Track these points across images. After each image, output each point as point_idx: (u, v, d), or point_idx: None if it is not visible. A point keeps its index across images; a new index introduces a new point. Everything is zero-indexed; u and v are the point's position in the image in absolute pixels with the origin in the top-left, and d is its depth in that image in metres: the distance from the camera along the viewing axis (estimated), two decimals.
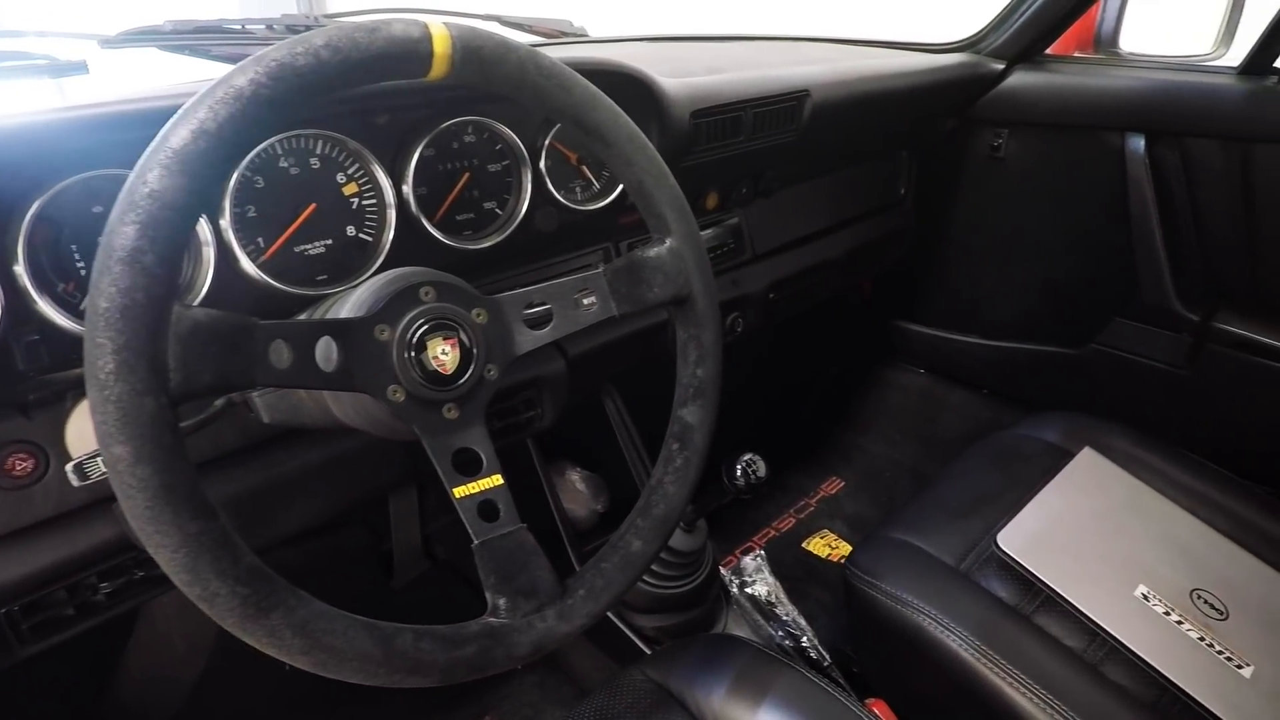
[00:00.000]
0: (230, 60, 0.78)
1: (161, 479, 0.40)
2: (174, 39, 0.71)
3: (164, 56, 0.72)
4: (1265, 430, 1.24)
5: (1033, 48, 1.31)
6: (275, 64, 0.44)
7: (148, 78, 0.71)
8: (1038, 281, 1.45)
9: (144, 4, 1.06)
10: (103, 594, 0.66)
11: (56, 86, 0.64)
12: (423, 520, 1.31)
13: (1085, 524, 0.99)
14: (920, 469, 1.61)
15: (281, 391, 0.61)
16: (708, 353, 0.65)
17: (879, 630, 0.92)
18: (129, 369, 0.39)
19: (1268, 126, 1.09)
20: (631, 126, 0.60)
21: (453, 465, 0.55)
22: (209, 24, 0.74)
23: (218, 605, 0.42)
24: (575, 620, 0.55)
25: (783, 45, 1.34)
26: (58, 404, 0.62)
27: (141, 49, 0.70)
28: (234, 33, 0.76)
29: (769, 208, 1.18)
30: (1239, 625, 0.88)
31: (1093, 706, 0.78)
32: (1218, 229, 1.20)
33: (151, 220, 0.40)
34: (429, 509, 1.33)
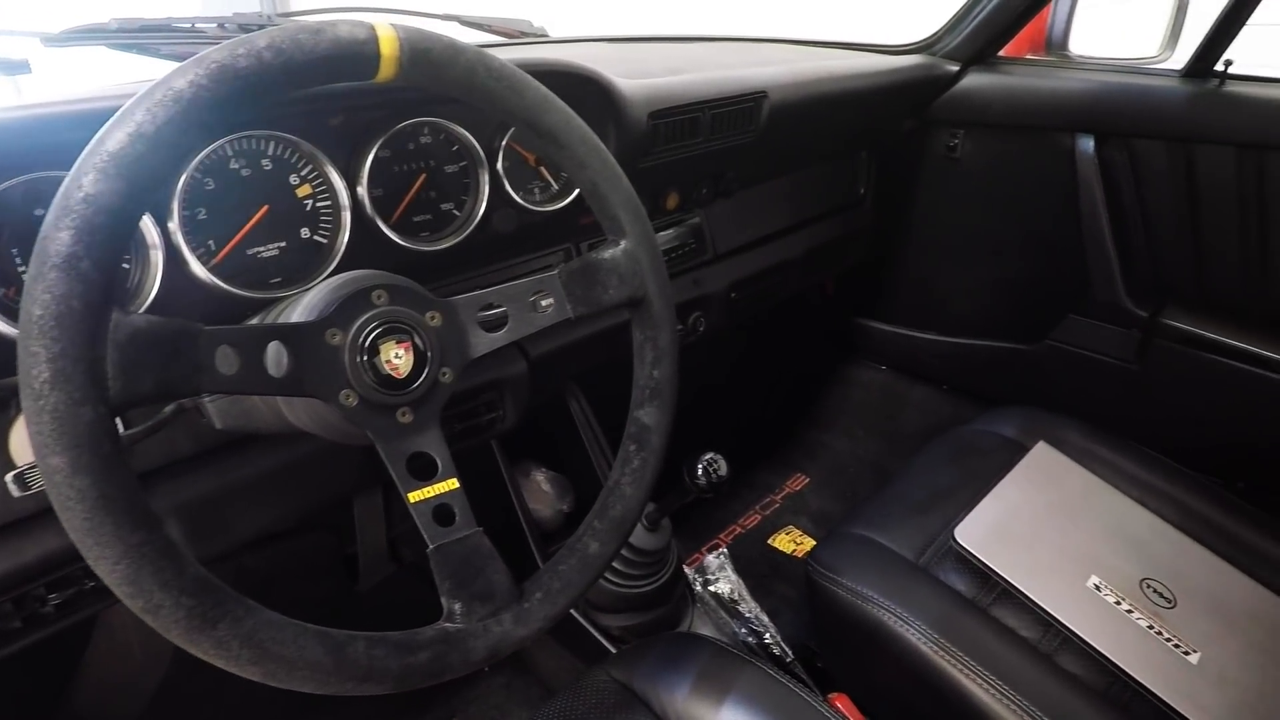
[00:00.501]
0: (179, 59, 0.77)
1: (100, 489, 0.39)
2: (121, 37, 0.69)
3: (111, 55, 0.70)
4: (1212, 423, 1.28)
5: (986, 50, 1.33)
6: (216, 66, 0.43)
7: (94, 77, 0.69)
8: (994, 279, 1.48)
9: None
10: (51, 605, 0.65)
11: (13, 84, 0.62)
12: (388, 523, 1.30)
13: (1039, 517, 1.01)
14: (883, 464, 1.63)
15: (234, 397, 0.60)
16: (664, 354, 0.65)
17: (840, 625, 0.93)
18: (65, 377, 0.39)
19: (1208, 128, 1.13)
20: (584, 128, 0.60)
21: (408, 470, 0.54)
22: (157, 22, 0.72)
23: (162, 617, 0.41)
24: (532, 624, 0.55)
25: (741, 46, 1.35)
26: (1, 413, 0.60)
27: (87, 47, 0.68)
28: (183, 31, 0.74)
29: (729, 208, 1.19)
30: (1187, 613, 0.91)
31: (1046, 696, 0.80)
32: (1164, 228, 1.24)
33: (87, 225, 0.39)
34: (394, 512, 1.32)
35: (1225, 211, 1.16)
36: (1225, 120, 1.11)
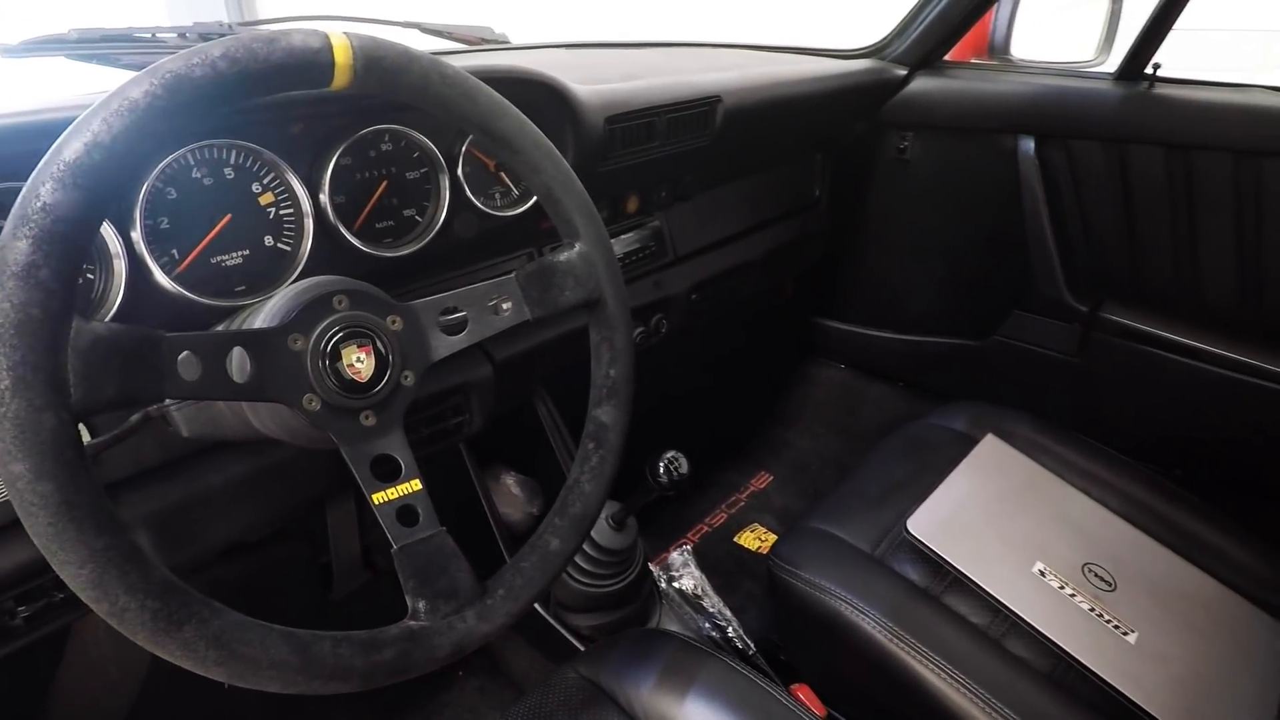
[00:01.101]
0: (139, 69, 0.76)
1: (63, 495, 0.40)
2: (81, 48, 0.69)
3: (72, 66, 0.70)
4: (1149, 413, 1.34)
5: (933, 54, 1.38)
6: (170, 75, 0.44)
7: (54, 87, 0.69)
8: (944, 277, 1.53)
9: (76, 9, 1.01)
10: (20, 618, 0.64)
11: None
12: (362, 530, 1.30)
13: (988, 507, 1.05)
14: (843, 460, 1.67)
15: (200, 404, 0.60)
16: (620, 354, 0.67)
17: (800, 616, 0.96)
18: (25, 384, 0.39)
19: (1140, 128, 1.19)
20: (538, 133, 0.62)
21: (371, 472, 0.56)
22: (117, 32, 0.72)
23: (127, 620, 0.42)
24: (495, 620, 0.56)
25: (697, 51, 1.38)
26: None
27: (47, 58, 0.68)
28: (144, 41, 0.74)
29: (688, 210, 1.21)
30: (1126, 595, 0.95)
31: (995, 679, 0.84)
32: (1102, 225, 1.29)
33: (46, 235, 0.40)
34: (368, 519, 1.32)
35: (1157, 209, 1.22)
36: (1155, 121, 1.17)
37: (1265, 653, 0.92)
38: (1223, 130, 1.11)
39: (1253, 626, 0.95)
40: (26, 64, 0.69)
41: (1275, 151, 1.08)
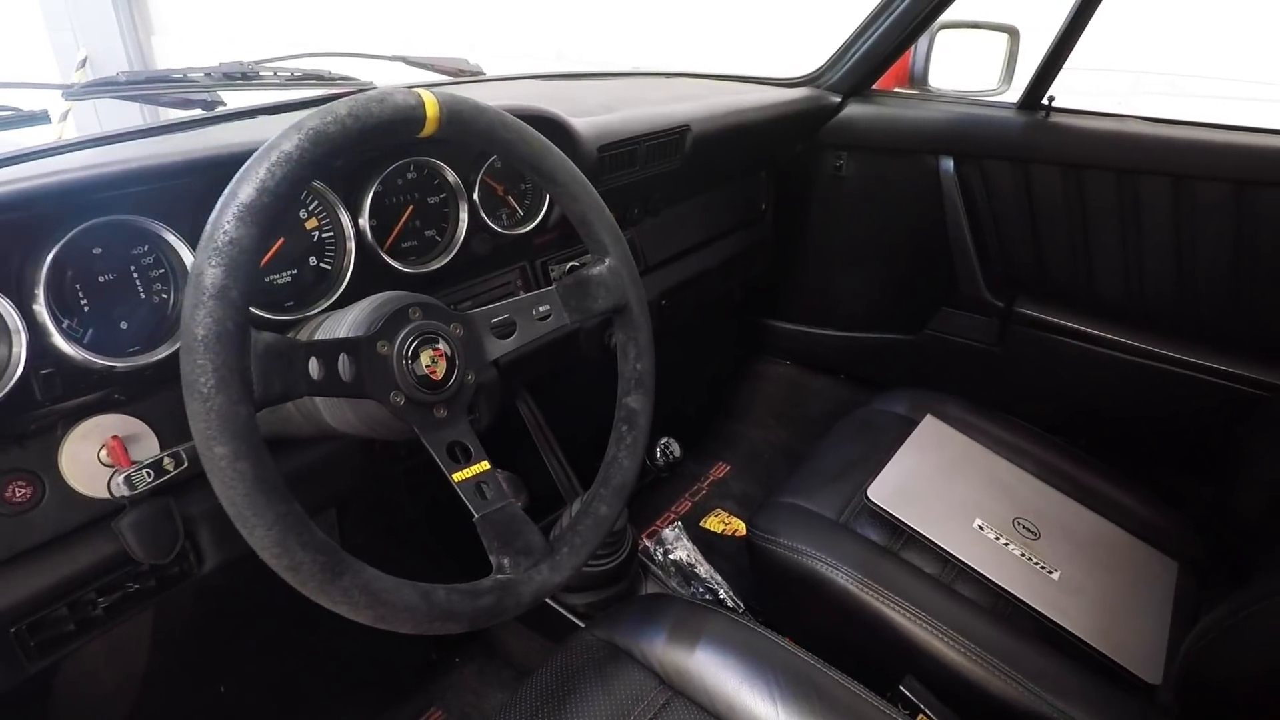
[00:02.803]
0: (175, 106, 0.84)
1: (255, 471, 0.49)
2: (129, 89, 0.76)
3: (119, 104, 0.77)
4: (1059, 391, 1.53)
5: (862, 83, 1.55)
6: (313, 131, 0.54)
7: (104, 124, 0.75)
8: (879, 280, 1.70)
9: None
10: (100, 609, 0.70)
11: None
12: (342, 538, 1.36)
13: (932, 476, 1.21)
14: (793, 448, 1.82)
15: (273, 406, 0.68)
16: (644, 350, 0.78)
17: (779, 578, 1.09)
18: (225, 384, 0.48)
19: (1040, 151, 1.38)
20: (575, 169, 0.73)
21: (448, 455, 0.65)
22: (156, 74, 0.79)
23: (302, 572, 0.51)
24: (564, 571, 0.67)
25: (657, 81, 1.51)
26: (49, 434, 0.66)
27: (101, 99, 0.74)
28: (177, 81, 0.81)
29: (657, 226, 1.33)
30: (1049, 543, 1.13)
31: (950, 615, 0.99)
32: (1012, 233, 1.48)
33: (233, 262, 0.49)
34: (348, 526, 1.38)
35: (1056, 219, 1.42)
36: (1051, 145, 1.36)
37: (1159, 581, 1.10)
38: (1107, 153, 1.31)
39: (1148, 561, 1.13)
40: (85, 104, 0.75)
41: (1149, 170, 1.28)
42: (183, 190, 0.67)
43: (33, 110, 0.69)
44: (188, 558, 0.75)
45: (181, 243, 0.67)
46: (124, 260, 0.66)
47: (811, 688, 0.84)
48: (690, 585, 1.19)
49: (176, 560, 0.74)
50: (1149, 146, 1.27)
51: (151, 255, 0.68)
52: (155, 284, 0.69)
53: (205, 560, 0.76)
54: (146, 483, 0.62)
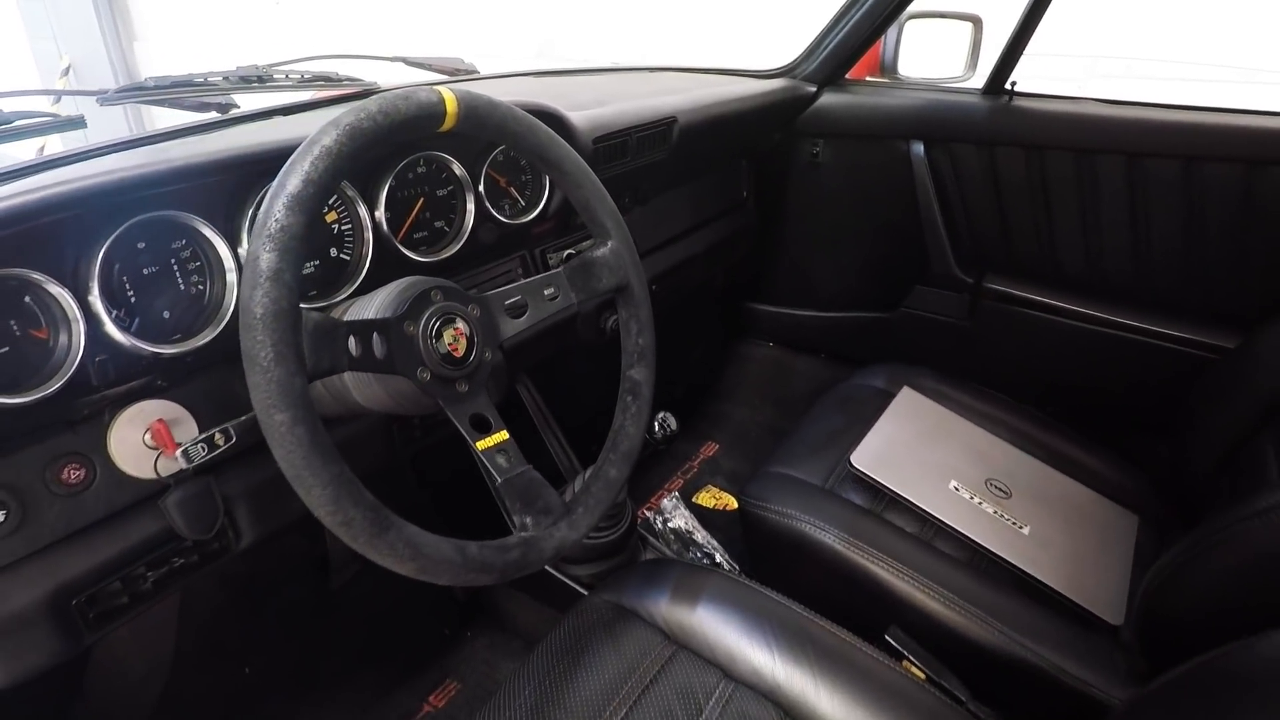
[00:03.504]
0: (196, 109, 0.89)
1: (311, 436, 0.55)
2: (156, 94, 0.80)
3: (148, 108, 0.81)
4: (1026, 362, 1.62)
5: (836, 73, 1.62)
6: (349, 127, 0.59)
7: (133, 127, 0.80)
8: (856, 261, 1.78)
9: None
10: (150, 583, 0.75)
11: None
12: None
13: (910, 443, 1.29)
14: (778, 425, 1.89)
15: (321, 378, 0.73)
16: (645, 326, 0.85)
17: (771, 541, 1.16)
18: (282, 357, 0.54)
19: (1003, 134, 1.46)
20: (579, 158, 0.79)
21: (471, 426, 0.72)
22: (180, 79, 0.84)
23: (353, 528, 0.57)
24: (580, 528, 0.73)
25: (642, 76, 1.57)
26: (97, 420, 0.70)
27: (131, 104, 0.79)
28: (199, 85, 0.86)
29: (645, 214, 1.40)
30: (1019, 501, 1.21)
31: (930, 569, 1.07)
32: (980, 212, 1.57)
33: (284, 247, 0.55)
34: None
35: (1020, 198, 1.50)
36: (1014, 128, 1.44)
37: (1120, 533, 1.19)
38: (1065, 134, 1.40)
39: (1111, 515, 1.22)
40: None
41: (1104, 149, 1.37)
42: (216, 187, 0.72)
43: (69, 116, 0.74)
44: (227, 534, 0.80)
45: (218, 236, 0.73)
46: (165, 254, 0.71)
47: (805, 637, 0.91)
48: (689, 551, 1.27)
49: (217, 537, 0.79)
50: (1104, 127, 1.35)
51: (189, 249, 0.73)
52: (193, 275, 0.74)
53: (243, 536, 0.82)
54: (202, 456, 0.67)
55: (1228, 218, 1.30)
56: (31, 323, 0.63)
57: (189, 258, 0.73)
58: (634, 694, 0.85)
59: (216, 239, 0.73)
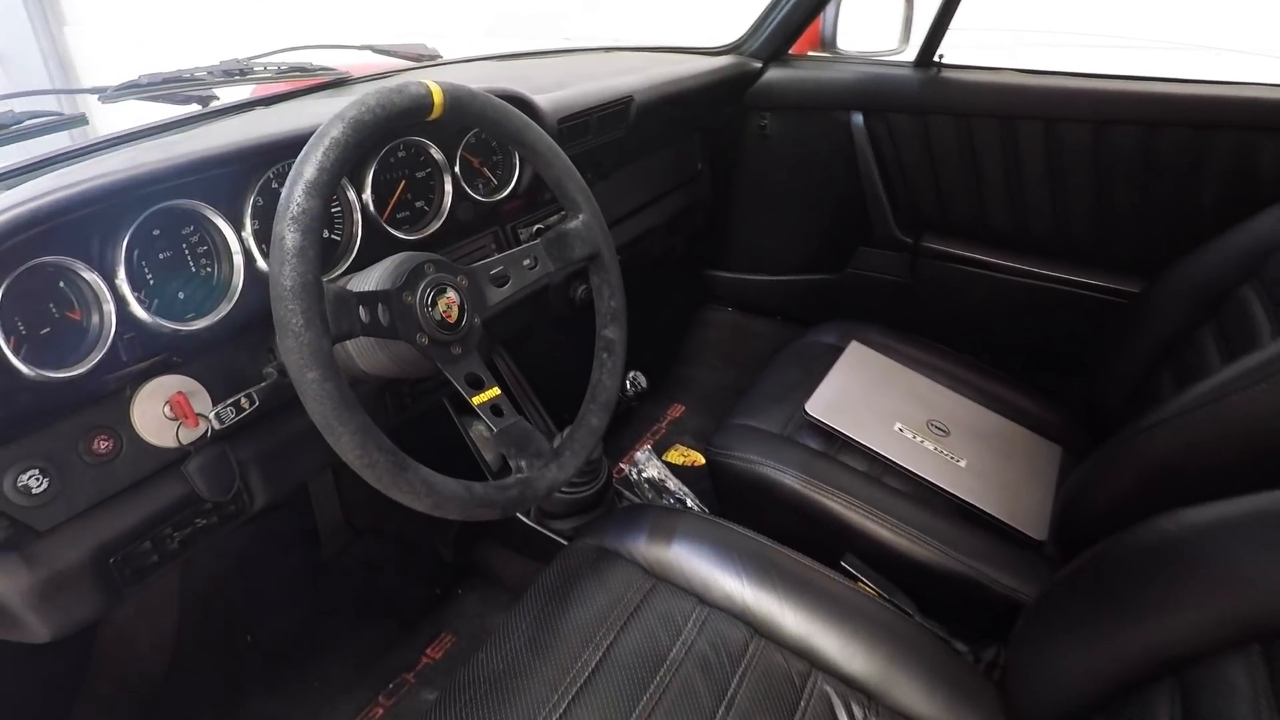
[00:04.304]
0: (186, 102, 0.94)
1: (338, 390, 0.63)
2: (149, 90, 0.86)
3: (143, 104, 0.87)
4: (962, 314, 1.75)
5: (780, 49, 1.71)
6: (353, 119, 0.67)
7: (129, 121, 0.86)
8: (804, 227, 1.88)
9: None
10: (176, 542, 0.82)
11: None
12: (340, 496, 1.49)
13: (859, 391, 1.41)
14: (739, 385, 2.00)
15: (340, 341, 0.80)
16: (616, 289, 0.94)
17: (736, 485, 1.27)
18: (311, 323, 0.61)
19: (934, 103, 1.57)
20: (550, 139, 0.87)
21: (467, 384, 0.80)
22: (170, 74, 0.89)
23: (378, 469, 0.65)
24: (568, 469, 0.83)
25: (598, 56, 1.64)
26: (119, 395, 0.76)
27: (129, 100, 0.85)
28: (187, 80, 0.92)
29: (607, 188, 1.48)
30: (957, 438, 1.34)
31: (879, 501, 1.19)
32: (916, 176, 1.68)
33: (306, 228, 0.62)
34: (345, 484, 1.51)
35: (952, 162, 1.62)
36: (943, 97, 1.56)
37: (1046, 462, 1.33)
38: (989, 102, 1.51)
39: (1038, 448, 1.36)
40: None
41: (1024, 116, 1.49)
42: (221, 176, 0.79)
43: (72, 115, 0.79)
44: (242, 497, 0.88)
45: (225, 222, 0.79)
46: (177, 240, 0.78)
47: (771, 565, 1.02)
48: (662, 497, 1.37)
49: (234, 499, 0.86)
50: (1023, 95, 1.48)
51: (197, 234, 0.80)
52: (202, 259, 0.80)
53: (256, 499, 0.89)
54: (232, 418, 0.75)
55: (1132, 176, 1.43)
56: (66, 306, 0.70)
57: (197, 242, 0.80)
58: (620, 621, 0.95)
59: (223, 224, 0.79)
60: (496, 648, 0.92)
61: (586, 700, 0.85)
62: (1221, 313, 1.17)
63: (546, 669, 0.88)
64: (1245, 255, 1.16)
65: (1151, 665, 0.72)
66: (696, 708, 0.86)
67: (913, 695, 0.91)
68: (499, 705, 0.84)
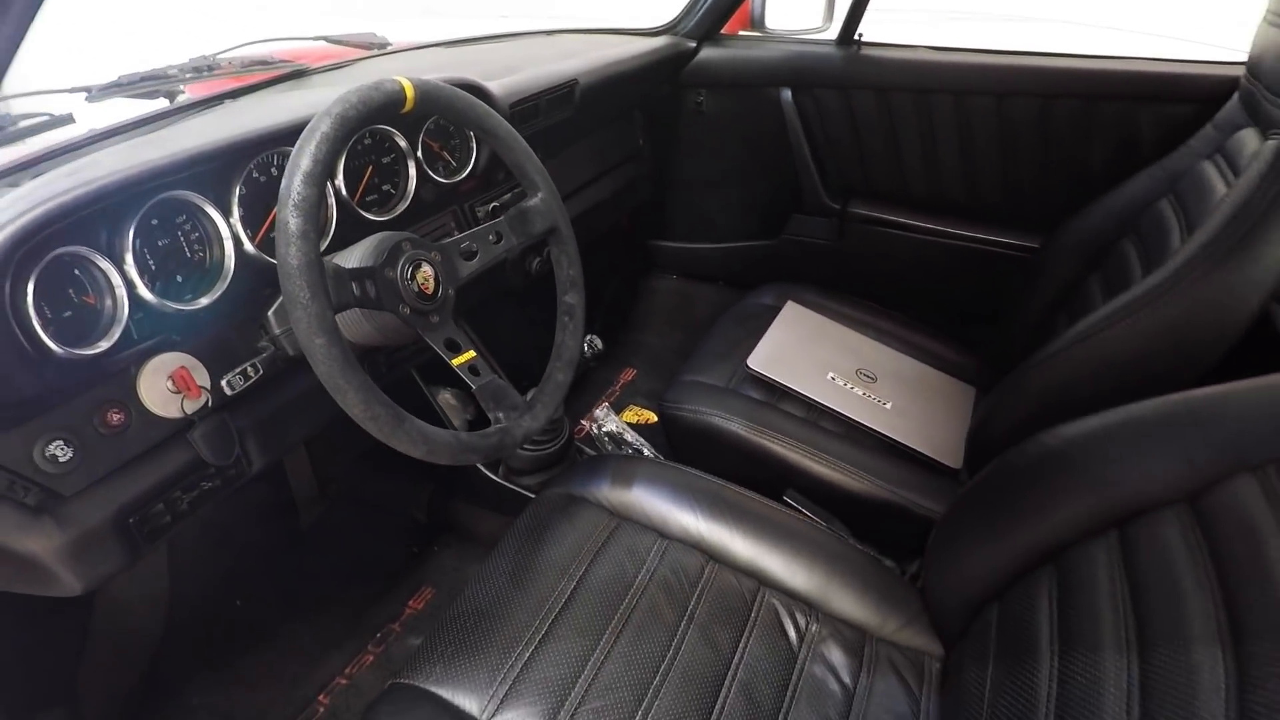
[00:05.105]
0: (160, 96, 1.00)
1: (343, 354, 0.72)
2: (130, 88, 0.92)
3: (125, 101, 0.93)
4: (887, 273, 1.90)
5: (712, 29, 1.82)
6: (338, 115, 0.75)
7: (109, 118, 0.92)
8: (741, 197, 2.00)
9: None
10: (186, 503, 0.90)
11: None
12: (314, 467, 1.57)
13: (795, 346, 1.55)
14: (686, 348, 2.12)
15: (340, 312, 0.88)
16: (573, 259, 1.04)
17: (688, 434, 1.40)
18: (316, 296, 0.71)
19: (856, 79, 1.70)
20: (508, 125, 0.97)
21: (445, 348, 0.90)
22: (147, 73, 0.96)
23: (379, 421, 0.75)
24: (540, 419, 0.94)
25: (541, 39, 1.72)
26: (124, 373, 0.83)
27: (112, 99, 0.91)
28: (161, 77, 0.98)
29: (556, 166, 1.55)
30: (883, 384, 1.49)
31: (816, 442, 1.33)
32: (842, 147, 1.81)
33: (306, 213, 0.71)
34: (317, 457, 1.59)
35: (873, 133, 1.75)
36: (864, 73, 1.69)
37: (962, 401, 1.49)
38: (905, 78, 1.65)
39: (955, 389, 1.52)
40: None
41: (935, 89, 1.63)
42: (211, 169, 0.86)
43: (60, 114, 0.86)
44: (241, 461, 0.96)
45: (215, 210, 0.87)
46: (172, 228, 0.85)
47: (722, 501, 1.15)
48: (621, 449, 1.49)
49: (235, 463, 0.95)
50: (934, 71, 1.62)
51: (189, 222, 0.87)
52: (195, 246, 0.88)
53: (253, 462, 0.98)
54: (241, 385, 0.83)
55: (1031, 143, 1.59)
56: (82, 291, 0.77)
57: (190, 230, 0.87)
58: (590, 555, 1.06)
59: (214, 212, 0.87)
60: (478, 586, 1.03)
61: (565, 623, 0.97)
62: (1105, 263, 1.33)
63: (527, 599, 0.99)
64: (1124, 212, 1.33)
65: (1036, 556, 0.88)
66: (662, 623, 0.98)
67: (848, 603, 1.05)
68: (485, 634, 0.95)
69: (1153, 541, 0.75)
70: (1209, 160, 1.18)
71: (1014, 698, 0.78)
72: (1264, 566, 0.62)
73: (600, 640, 0.95)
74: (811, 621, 1.03)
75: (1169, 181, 1.26)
